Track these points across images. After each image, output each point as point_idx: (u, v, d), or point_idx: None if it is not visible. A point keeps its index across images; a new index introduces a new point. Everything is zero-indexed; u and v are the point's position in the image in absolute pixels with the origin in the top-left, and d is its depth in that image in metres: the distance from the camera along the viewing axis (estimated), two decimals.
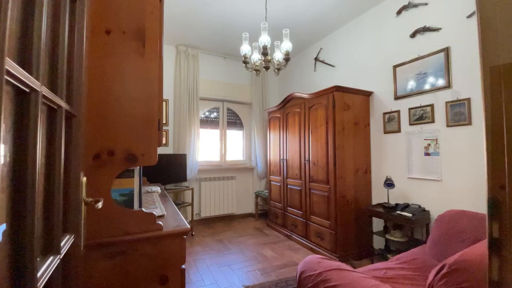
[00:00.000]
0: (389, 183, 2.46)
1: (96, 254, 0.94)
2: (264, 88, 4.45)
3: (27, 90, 0.45)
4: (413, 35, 2.47)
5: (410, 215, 2.16)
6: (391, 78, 2.66)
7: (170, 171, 3.46)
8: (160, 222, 1.06)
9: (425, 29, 2.36)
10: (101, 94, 0.98)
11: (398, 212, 2.26)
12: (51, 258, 0.52)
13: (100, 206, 0.72)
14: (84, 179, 0.78)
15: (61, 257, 0.56)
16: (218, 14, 3.02)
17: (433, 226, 1.92)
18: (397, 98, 2.60)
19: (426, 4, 2.37)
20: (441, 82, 2.23)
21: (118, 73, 1.00)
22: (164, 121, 3.75)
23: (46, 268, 0.50)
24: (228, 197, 4.13)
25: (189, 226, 1.11)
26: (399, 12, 2.59)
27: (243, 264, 2.59)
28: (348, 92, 2.73)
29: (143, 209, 1.04)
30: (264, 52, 2.17)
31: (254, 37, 3.02)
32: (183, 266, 1.11)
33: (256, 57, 2.45)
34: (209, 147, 4.22)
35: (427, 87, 2.33)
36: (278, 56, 2.41)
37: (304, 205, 3.06)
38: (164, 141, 3.74)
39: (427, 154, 2.32)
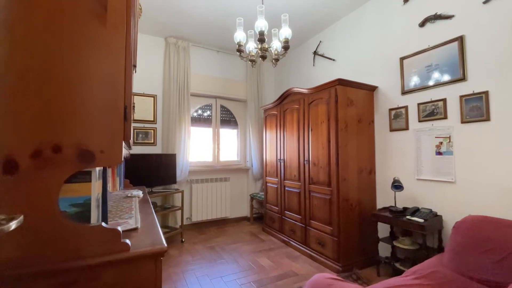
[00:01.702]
0: (397, 185, 2.25)
1: (35, 287, 0.69)
2: (259, 85, 4.22)
3: None
4: (422, 24, 2.27)
5: (421, 220, 1.95)
6: (398, 71, 2.46)
7: (158, 173, 3.19)
8: (127, 241, 0.81)
9: (436, 17, 2.16)
10: (43, 69, 0.72)
11: (407, 217, 2.05)
12: None
13: (13, 227, 0.47)
14: None
15: None
16: (211, 2, 2.77)
17: (451, 234, 1.71)
18: (404, 92, 2.39)
19: None
20: (454, 74, 2.03)
21: (68, 43, 0.75)
22: (151, 118, 3.47)
23: None
24: (221, 200, 3.87)
25: (165, 245, 0.86)
26: (406, 0, 2.40)
27: (237, 275, 2.34)
28: (351, 86, 2.51)
29: (103, 224, 0.78)
30: (261, 38, 1.93)
31: (250, 26, 2.78)
32: None
33: (251, 45, 2.21)
34: (201, 147, 3.96)
35: (438, 80, 2.13)
36: (276, 45, 2.18)
37: (303, 209, 2.83)
38: (151, 140, 3.46)
39: (438, 153, 2.12)
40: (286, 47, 2.02)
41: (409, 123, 2.35)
